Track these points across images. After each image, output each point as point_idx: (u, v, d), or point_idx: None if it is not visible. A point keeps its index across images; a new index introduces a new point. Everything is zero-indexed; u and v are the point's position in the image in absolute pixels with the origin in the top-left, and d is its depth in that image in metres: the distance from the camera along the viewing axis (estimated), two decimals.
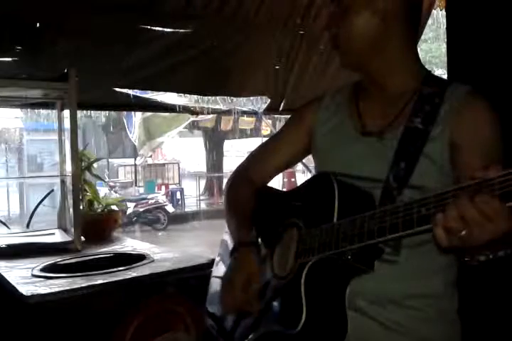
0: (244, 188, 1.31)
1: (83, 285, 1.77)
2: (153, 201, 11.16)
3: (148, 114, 9.85)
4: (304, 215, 1.11)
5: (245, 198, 1.29)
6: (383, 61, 1.11)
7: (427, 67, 1.17)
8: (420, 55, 1.18)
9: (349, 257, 0.98)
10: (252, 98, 3.75)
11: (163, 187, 13.91)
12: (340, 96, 1.24)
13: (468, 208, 0.74)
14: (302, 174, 13.65)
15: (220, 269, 1.37)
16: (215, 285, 1.35)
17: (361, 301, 1.06)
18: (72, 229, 2.44)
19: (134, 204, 10.79)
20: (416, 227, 0.81)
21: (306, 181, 1.20)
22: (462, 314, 1.12)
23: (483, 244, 0.77)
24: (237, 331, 1.18)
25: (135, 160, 14.39)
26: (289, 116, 1.45)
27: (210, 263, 1.94)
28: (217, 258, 1.41)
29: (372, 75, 1.14)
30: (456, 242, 0.77)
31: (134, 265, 2.00)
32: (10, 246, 2.30)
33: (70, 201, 2.50)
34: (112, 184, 11.93)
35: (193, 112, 4.12)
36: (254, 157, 1.39)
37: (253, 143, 14.59)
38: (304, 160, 1.47)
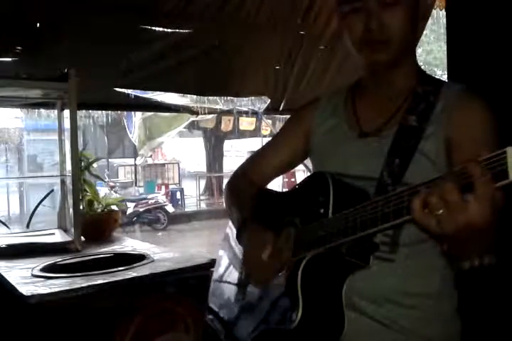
0: (244, 187, 1.33)
1: (83, 285, 1.77)
2: (153, 201, 11.16)
3: (148, 114, 9.86)
4: (300, 214, 1.12)
5: (246, 194, 1.30)
6: (409, 59, 1.12)
7: (427, 68, 1.18)
8: (421, 56, 1.18)
9: (343, 251, 0.99)
10: (252, 98, 3.75)
11: (163, 187, 13.91)
12: (337, 98, 1.25)
13: (451, 190, 0.73)
14: (302, 174, 13.66)
15: (222, 270, 1.37)
16: (221, 287, 1.35)
17: (358, 299, 1.07)
18: (72, 229, 2.44)
19: (134, 204, 10.79)
20: (406, 216, 0.81)
21: (302, 181, 1.20)
22: (462, 313, 1.12)
23: (461, 235, 0.75)
24: (240, 331, 1.19)
25: (135, 160, 14.39)
26: (289, 116, 1.46)
27: (210, 263, 1.96)
28: (221, 251, 1.41)
29: (388, 73, 1.12)
30: (432, 223, 0.76)
31: (134, 265, 2.00)
32: (10, 246, 2.30)
33: (70, 201, 2.50)
34: (112, 184, 11.91)
35: (193, 112, 4.13)
36: (253, 159, 1.40)
37: (253, 143, 14.63)
38: None
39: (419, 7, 1.08)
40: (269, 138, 1.48)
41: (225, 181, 1.44)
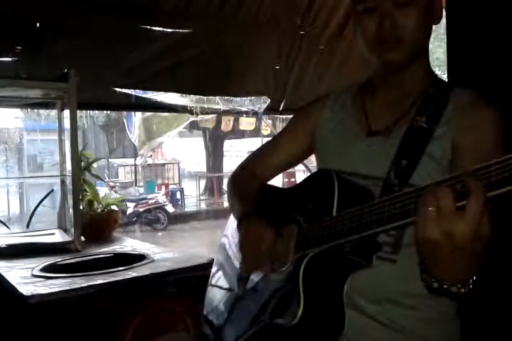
0: (247, 180, 1.32)
1: (83, 285, 1.77)
2: (153, 201, 11.16)
3: (148, 114, 9.89)
4: (303, 211, 1.12)
5: (249, 188, 1.29)
6: (422, 59, 1.12)
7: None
8: None
9: (347, 250, 0.98)
10: (252, 98, 3.75)
11: (163, 187, 13.92)
12: (345, 96, 1.24)
13: (447, 194, 0.72)
14: (302, 174, 13.66)
15: (218, 276, 1.37)
16: (214, 293, 1.35)
17: (359, 299, 1.07)
18: (72, 229, 2.44)
19: (134, 204, 10.80)
20: (413, 216, 0.79)
21: (306, 177, 1.20)
22: (462, 314, 1.12)
23: (439, 247, 0.74)
24: (237, 327, 1.18)
25: (135, 160, 14.41)
26: (289, 116, 1.45)
27: (210, 263, 1.94)
28: (215, 268, 1.41)
29: (400, 73, 1.12)
30: (420, 220, 0.75)
31: (134, 265, 2.00)
32: (10, 246, 2.30)
33: (70, 201, 2.50)
34: (112, 184, 11.93)
35: (193, 112, 4.13)
36: (257, 153, 1.39)
37: (253, 143, 14.63)
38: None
39: (434, 7, 1.08)
40: (270, 138, 1.47)
41: (225, 181, 1.44)
